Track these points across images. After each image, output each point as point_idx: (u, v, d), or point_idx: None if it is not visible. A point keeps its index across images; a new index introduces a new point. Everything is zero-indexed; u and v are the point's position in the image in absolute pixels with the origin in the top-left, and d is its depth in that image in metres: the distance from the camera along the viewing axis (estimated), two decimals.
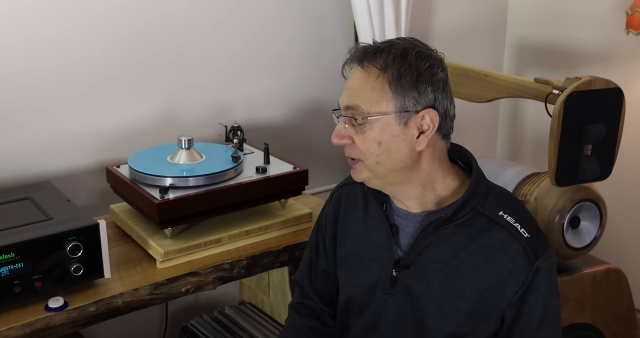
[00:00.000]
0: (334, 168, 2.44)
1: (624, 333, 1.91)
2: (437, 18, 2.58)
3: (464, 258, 1.20)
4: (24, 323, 1.36)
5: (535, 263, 1.18)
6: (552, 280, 1.21)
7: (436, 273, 1.22)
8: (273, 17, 2.19)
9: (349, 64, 1.22)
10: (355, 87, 1.19)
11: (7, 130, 1.82)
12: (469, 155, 1.29)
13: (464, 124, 2.62)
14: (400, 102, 1.16)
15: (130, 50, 1.95)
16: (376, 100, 1.17)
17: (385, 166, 1.19)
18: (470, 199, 1.21)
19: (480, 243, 1.20)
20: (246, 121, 2.19)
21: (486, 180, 1.27)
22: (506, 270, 1.18)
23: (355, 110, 1.18)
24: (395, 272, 1.25)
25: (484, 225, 1.21)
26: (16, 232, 1.41)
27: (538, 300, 1.19)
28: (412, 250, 1.24)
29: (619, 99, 1.68)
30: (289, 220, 1.78)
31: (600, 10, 2.41)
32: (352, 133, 1.20)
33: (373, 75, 1.17)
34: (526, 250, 1.18)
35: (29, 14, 1.78)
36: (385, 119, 1.17)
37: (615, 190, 2.11)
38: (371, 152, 1.19)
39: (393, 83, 1.16)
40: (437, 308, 1.22)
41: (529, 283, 1.18)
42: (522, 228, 1.20)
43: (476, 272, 1.19)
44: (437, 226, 1.22)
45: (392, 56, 1.17)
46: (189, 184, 1.64)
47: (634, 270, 2.32)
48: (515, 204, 1.26)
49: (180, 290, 1.56)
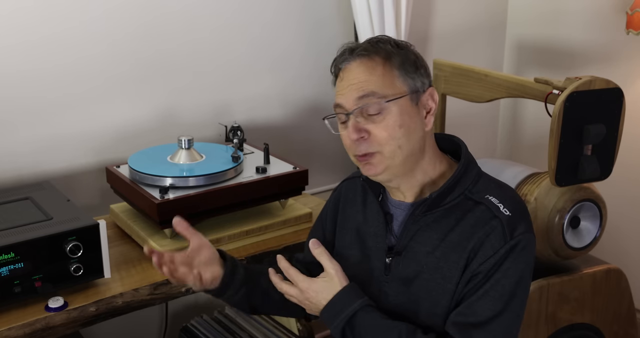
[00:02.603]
0: (334, 168, 2.44)
1: (624, 333, 1.91)
2: (437, 18, 2.58)
3: (450, 239, 1.22)
4: (24, 323, 1.36)
5: (509, 242, 1.17)
6: (523, 267, 1.19)
7: (425, 257, 1.23)
8: (274, 18, 2.19)
9: (346, 60, 1.23)
10: (362, 78, 1.20)
11: (7, 130, 1.82)
12: (459, 141, 1.32)
13: (464, 123, 2.63)
14: (410, 83, 1.21)
15: (130, 51, 1.95)
16: (389, 84, 1.20)
17: (405, 150, 1.20)
18: (458, 183, 1.24)
19: (465, 224, 1.21)
20: (246, 121, 2.19)
21: (478, 169, 1.29)
22: (479, 243, 1.18)
23: (372, 97, 1.19)
24: (389, 259, 1.27)
25: (469, 206, 1.22)
26: (16, 232, 1.41)
27: (504, 282, 1.17)
28: (403, 236, 1.26)
29: (619, 99, 1.68)
30: (289, 220, 1.78)
31: (600, 10, 2.41)
32: (368, 125, 1.20)
33: (379, 64, 1.20)
34: (504, 227, 1.18)
35: (29, 14, 1.78)
36: (401, 101, 1.20)
37: (615, 190, 2.11)
38: (393, 137, 1.19)
39: (400, 68, 1.20)
40: (428, 291, 1.23)
41: (500, 261, 1.16)
42: (504, 208, 1.20)
43: (459, 251, 1.20)
44: (424, 209, 1.23)
45: (390, 46, 1.22)
46: (189, 184, 1.64)
47: (634, 270, 2.32)
48: (505, 190, 1.26)
49: (180, 290, 1.56)
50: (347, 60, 1.23)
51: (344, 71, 1.23)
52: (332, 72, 1.27)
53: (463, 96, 2.01)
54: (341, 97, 1.23)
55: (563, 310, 1.79)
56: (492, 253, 1.17)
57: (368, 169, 1.24)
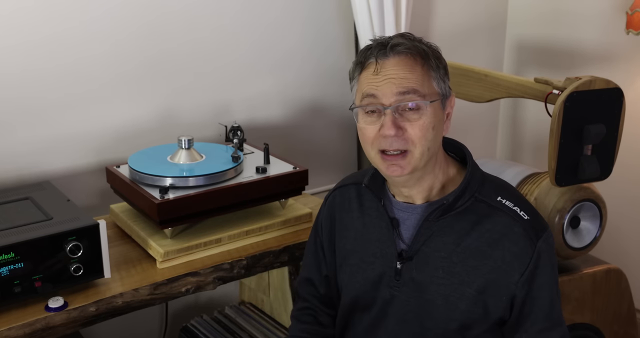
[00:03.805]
0: (334, 168, 2.44)
1: (624, 333, 1.91)
2: (437, 18, 2.58)
3: (468, 244, 1.22)
4: (24, 323, 1.36)
5: (537, 244, 1.20)
6: (553, 260, 1.24)
7: (440, 262, 1.23)
8: (274, 18, 2.19)
9: (384, 55, 1.19)
10: (402, 75, 1.18)
11: (8, 130, 1.82)
12: (461, 145, 1.32)
13: (464, 124, 2.63)
14: (442, 87, 1.22)
15: (130, 51, 1.95)
16: (427, 85, 1.20)
17: (431, 152, 1.21)
18: (468, 187, 1.24)
19: (482, 229, 1.22)
20: (246, 121, 2.19)
21: (480, 170, 1.30)
22: (510, 253, 1.20)
23: (414, 95, 1.18)
24: (400, 264, 1.26)
25: (485, 211, 1.23)
26: (16, 232, 1.41)
27: (545, 281, 1.21)
28: (415, 241, 1.25)
29: (619, 99, 1.68)
30: (289, 220, 1.78)
31: (600, 10, 2.41)
32: (404, 122, 1.18)
33: (419, 63, 1.20)
34: (527, 231, 1.21)
35: (29, 14, 1.78)
36: (436, 103, 1.21)
37: (615, 190, 2.11)
38: (426, 138, 1.19)
39: (436, 70, 1.21)
40: (444, 296, 1.23)
41: (535, 265, 1.20)
42: (521, 211, 1.23)
43: (480, 258, 1.21)
44: (438, 215, 1.23)
45: (425, 46, 1.22)
46: (189, 184, 1.64)
47: (634, 270, 2.32)
48: (510, 189, 1.30)
49: (180, 290, 1.56)
50: (385, 54, 1.19)
51: (381, 65, 1.19)
52: (359, 63, 1.23)
53: (463, 96, 2.01)
54: (376, 89, 1.19)
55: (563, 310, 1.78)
56: (528, 261, 1.20)
57: (394, 169, 1.20)
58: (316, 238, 1.46)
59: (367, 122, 1.21)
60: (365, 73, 1.22)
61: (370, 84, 1.20)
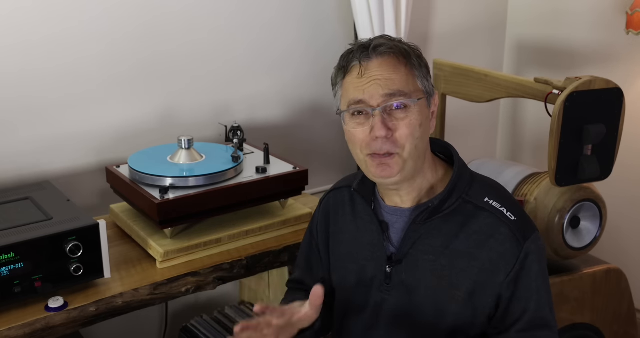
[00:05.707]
0: (334, 168, 2.44)
1: (624, 333, 1.91)
2: (437, 18, 2.58)
3: (455, 247, 1.21)
4: (24, 323, 1.36)
5: (524, 245, 1.20)
6: (543, 262, 1.23)
7: (429, 265, 1.23)
8: (274, 18, 2.19)
9: (367, 57, 1.20)
10: (387, 76, 1.19)
11: (7, 130, 1.82)
12: (447, 145, 1.32)
13: (464, 124, 2.63)
14: (427, 85, 1.23)
15: (131, 50, 1.95)
16: (412, 84, 1.21)
17: (419, 150, 1.21)
18: (455, 188, 1.24)
19: (469, 230, 1.21)
20: (246, 121, 2.19)
21: (469, 170, 1.30)
22: (496, 254, 1.20)
23: (402, 96, 1.18)
24: (389, 267, 1.26)
25: (471, 212, 1.22)
26: (16, 232, 1.41)
27: (531, 283, 1.20)
28: (404, 244, 1.25)
29: (619, 99, 1.68)
30: (289, 220, 1.78)
31: (600, 10, 2.41)
32: (392, 122, 1.18)
33: (402, 62, 1.20)
34: (514, 232, 1.20)
35: (28, 14, 1.78)
36: (422, 101, 1.22)
37: (615, 190, 2.11)
38: (414, 137, 1.19)
39: (419, 69, 1.22)
40: (434, 299, 1.23)
41: (521, 266, 1.19)
42: (508, 212, 1.22)
43: (468, 259, 1.21)
44: (425, 217, 1.23)
45: (406, 46, 1.23)
46: (189, 184, 1.64)
47: (634, 270, 2.32)
48: (499, 190, 1.29)
49: (180, 290, 1.56)
50: (368, 56, 1.20)
51: (365, 67, 1.19)
52: (341, 67, 1.23)
53: (463, 96, 2.01)
54: (362, 92, 1.19)
55: (563, 310, 1.79)
56: (514, 261, 1.19)
57: (383, 169, 1.20)
58: (311, 240, 1.45)
59: (356, 125, 1.21)
60: (349, 77, 1.22)
61: (356, 87, 1.20)
